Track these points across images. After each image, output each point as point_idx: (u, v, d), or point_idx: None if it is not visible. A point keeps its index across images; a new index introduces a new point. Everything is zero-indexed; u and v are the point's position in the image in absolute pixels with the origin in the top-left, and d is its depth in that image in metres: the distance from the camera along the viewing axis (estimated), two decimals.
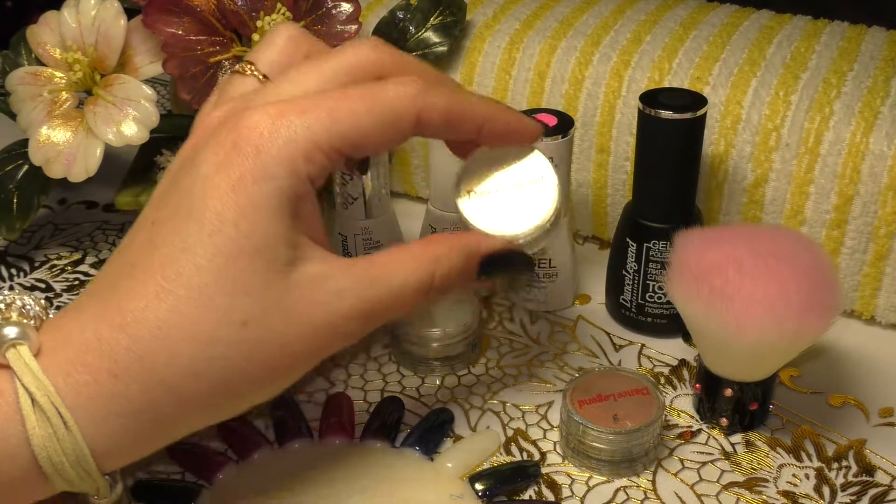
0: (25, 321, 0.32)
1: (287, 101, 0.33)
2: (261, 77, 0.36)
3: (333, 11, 0.50)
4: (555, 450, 0.42)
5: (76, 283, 0.54)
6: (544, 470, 0.41)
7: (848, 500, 0.39)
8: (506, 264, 0.38)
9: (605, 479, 0.40)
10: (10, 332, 0.31)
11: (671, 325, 0.48)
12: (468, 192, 0.38)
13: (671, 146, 0.45)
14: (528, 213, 0.37)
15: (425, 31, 0.54)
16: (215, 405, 0.33)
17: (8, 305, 0.33)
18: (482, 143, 0.38)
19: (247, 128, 0.33)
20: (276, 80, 0.36)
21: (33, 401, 0.30)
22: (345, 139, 0.34)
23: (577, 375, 0.42)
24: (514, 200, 0.38)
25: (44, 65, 0.51)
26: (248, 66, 0.37)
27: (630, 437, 0.39)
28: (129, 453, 0.33)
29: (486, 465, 0.41)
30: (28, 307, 0.33)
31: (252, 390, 0.34)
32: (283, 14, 0.48)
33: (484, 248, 0.37)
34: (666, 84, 0.50)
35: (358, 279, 0.34)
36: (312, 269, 0.33)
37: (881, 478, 0.40)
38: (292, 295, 0.33)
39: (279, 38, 0.37)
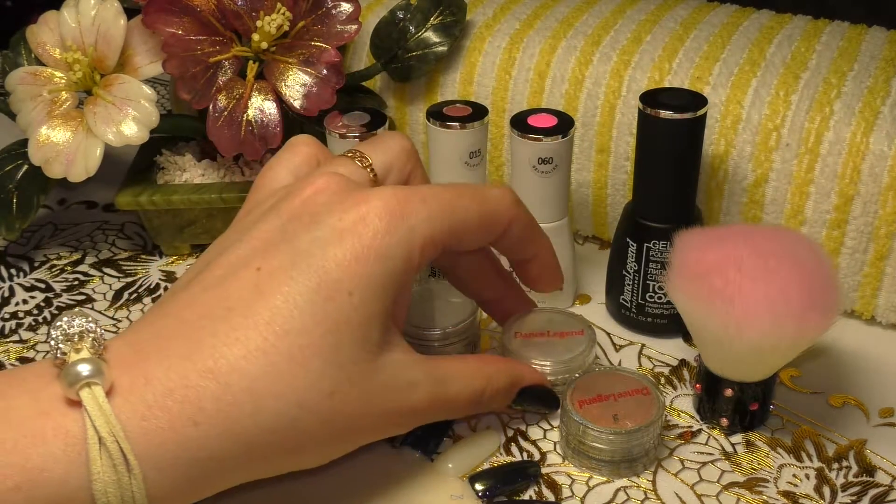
0: (97, 354, 0.31)
1: (412, 190, 0.35)
2: (372, 176, 0.38)
3: (333, 11, 0.50)
4: (555, 450, 0.42)
5: (76, 283, 0.54)
6: (544, 470, 0.41)
7: (848, 501, 0.39)
8: (538, 399, 0.42)
9: (605, 479, 0.40)
10: (84, 369, 0.30)
11: (671, 325, 0.48)
12: (517, 334, 0.44)
13: (671, 146, 0.44)
14: (563, 357, 0.43)
15: (425, 31, 0.54)
16: (275, 463, 0.34)
17: (80, 335, 0.31)
18: (523, 272, 0.43)
19: (377, 205, 0.34)
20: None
21: (101, 444, 0.29)
22: (454, 233, 0.36)
23: (577, 375, 0.42)
24: (553, 345, 0.44)
25: (43, 65, 0.51)
26: (362, 157, 0.38)
27: (630, 437, 0.39)
28: (182, 498, 0.32)
29: (486, 465, 0.41)
30: (99, 337, 0.32)
31: (310, 455, 0.35)
32: (283, 14, 0.48)
33: (528, 380, 0.41)
34: (666, 84, 0.50)
35: (429, 376, 0.36)
36: (395, 356, 0.35)
37: (881, 478, 0.40)
38: (376, 377, 0.34)
39: (396, 145, 0.39)
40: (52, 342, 0.31)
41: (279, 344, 0.31)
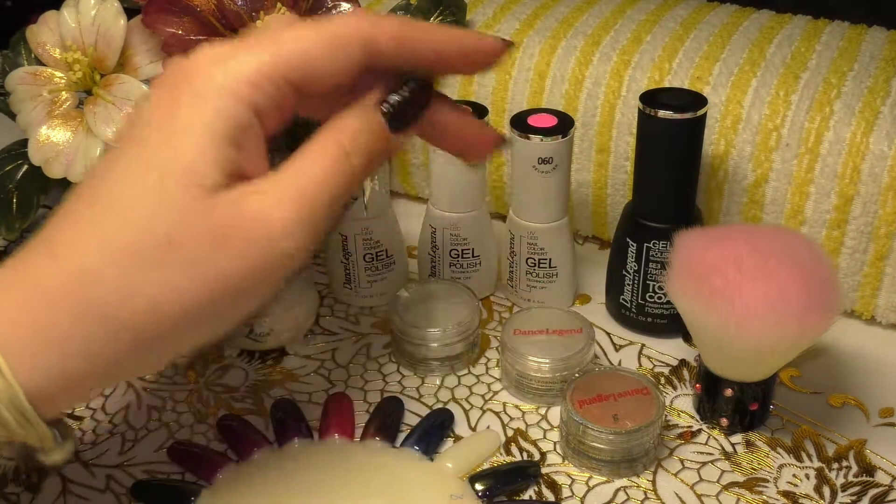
0: None
1: (234, 41, 0.33)
2: None
3: (333, 11, 0.50)
4: (555, 450, 0.42)
5: None
6: (544, 470, 0.41)
7: (848, 501, 0.39)
8: (411, 106, 0.35)
9: (605, 479, 0.40)
10: None
11: (671, 325, 0.48)
12: (516, 331, 0.45)
13: (671, 146, 0.44)
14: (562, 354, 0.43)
15: None
16: (146, 337, 0.31)
17: None
18: (443, 70, 0.36)
19: (193, 63, 0.33)
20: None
21: None
22: (290, 65, 0.33)
23: (576, 375, 0.42)
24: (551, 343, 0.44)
25: (43, 65, 0.51)
26: None
27: (630, 437, 0.39)
28: (65, 394, 0.31)
29: (486, 465, 0.41)
30: None
31: (187, 322, 0.32)
32: (283, 14, 0.48)
33: (374, 97, 0.35)
34: (666, 84, 0.50)
35: (284, 179, 0.33)
36: (248, 197, 0.32)
37: (881, 478, 0.40)
38: (220, 215, 0.31)
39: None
40: None
41: (108, 210, 0.31)
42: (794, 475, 0.40)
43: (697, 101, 0.44)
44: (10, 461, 0.33)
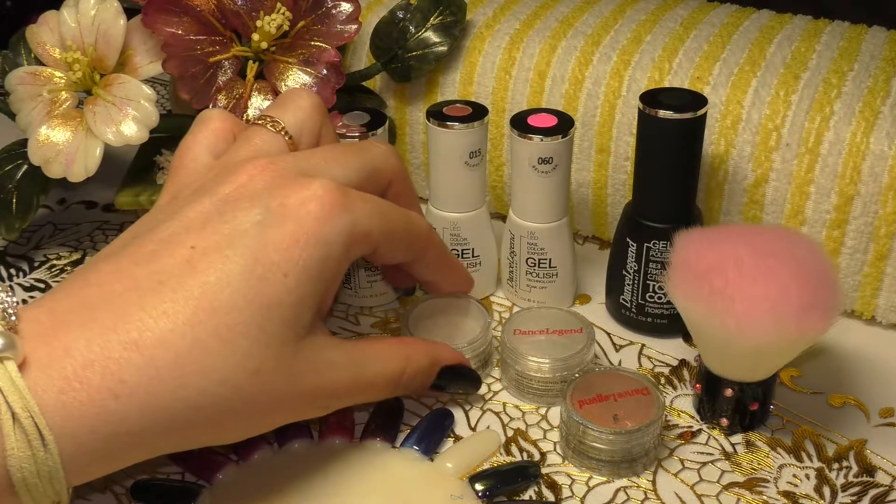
0: (7, 325, 0.30)
1: (348, 188, 0.36)
2: (287, 138, 0.38)
3: (333, 11, 0.50)
4: (555, 450, 0.42)
5: None
6: (544, 470, 0.41)
7: (848, 501, 0.39)
8: (459, 378, 0.43)
9: (605, 479, 0.40)
10: None
11: (671, 325, 0.48)
12: (516, 331, 0.45)
13: (671, 146, 0.44)
14: (562, 354, 0.44)
15: (425, 31, 0.54)
16: (194, 438, 0.34)
17: None
18: (432, 289, 0.45)
19: (319, 190, 0.34)
20: (306, 150, 0.39)
21: (15, 420, 0.29)
22: (384, 238, 0.37)
23: (576, 375, 0.42)
24: (551, 343, 0.45)
25: (43, 65, 0.51)
26: (273, 122, 0.38)
27: (630, 438, 0.39)
28: (99, 471, 0.32)
29: (486, 465, 0.41)
30: (8, 307, 0.31)
31: (229, 431, 0.35)
32: (283, 14, 0.48)
33: (446, 359, 0.42)
34: (666, 84, 0.50)
35: (349, 357, 0.37)
36: (318, 338, 0.35)
37: (882, 478, 0.40)
38: (300, 357, 0.34)
39: (305, 104, 0.40)
40: None
41: (208, 320, 0.31)
42: (794, 475, 0.40)
43: (697, 101, 0.44)
44: None
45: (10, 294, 0.31)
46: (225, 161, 0.37)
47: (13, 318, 0.31)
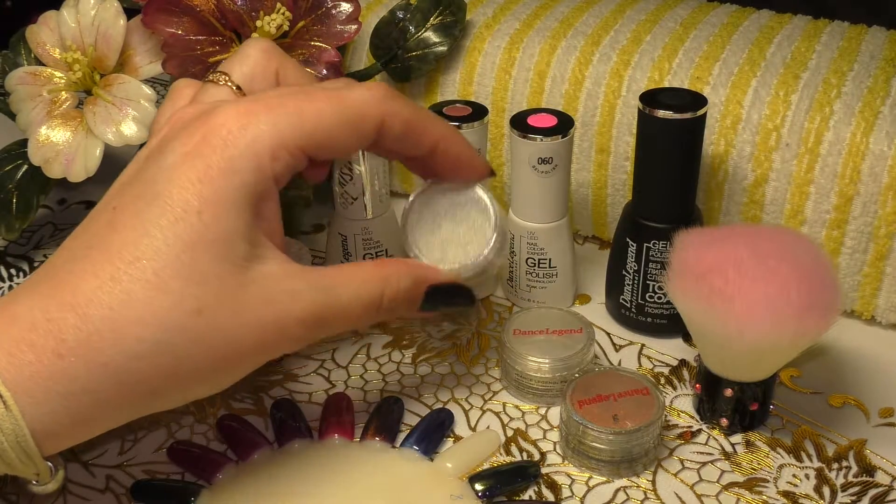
0: None
1: (255, 100, 0.34)
2: (234, 88, 0.37)
3: (333, 11, 0.50)
4: (555, 450, 0.42)
5: None
6: (544, 470, 0.41)
7: (848, 501, 0.39)
8: (450, 297, 0.39)
9: (605, 479, 0.40)
10: None
11: (671, 325, 0.48)
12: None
13: (671, 146, 0.44)
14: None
15: (425, 31, 0.54)
16: (155, 392, 0.33)
17: None
18: (433, 165, 0.39)
19: (216, 123, 0.33)
20: (248, 97, 0.37)
21: None
22: (310, 138, 0.35)
23: (576, 375, 0.42)
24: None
25: (43, 65, 0.51)
26: (223, 76, 0.38)
27: (630, 438, 0.39)
28: (69, 435, 0.32)
29: (486, 465, 0.41)
30: None
31: (195, 381, 0.34)
32: (283, 14, 0.48)
33: (432, 279, 0.38)
34: (666, 84, 0.50)
35: (312, 284, 0.35)
36: (269, 268, 0.34)
37: (881, 478, 0.40)
38: (246, 290, 0.33)
39: (253, 50, 0.38)
40: None
41: (131, 270, 0.32)
42: (794, 475, 0.40)
43: (697, 101, 0.44)
44: None
45: None
46: (161, 115, 0.38)
47: None
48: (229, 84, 0.37)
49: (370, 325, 0.39)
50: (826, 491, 0.40)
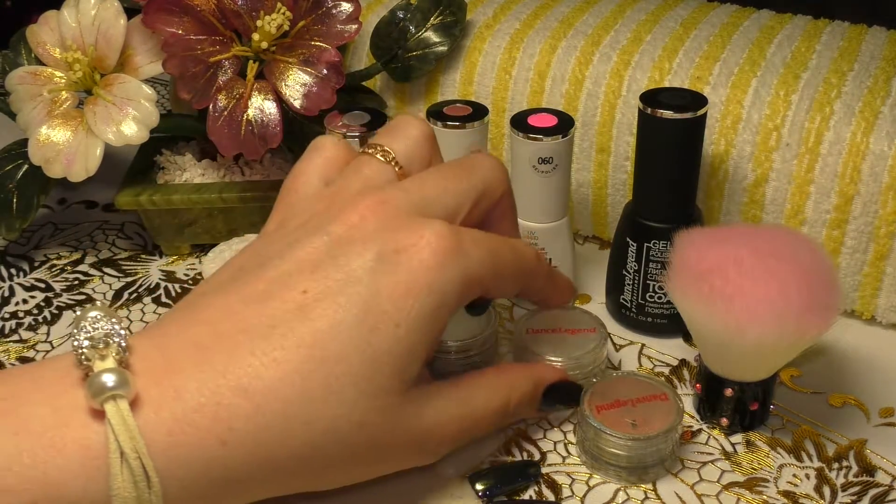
0: (121, 362, 0.30)
1: (461, 228, 0.35)
2: (396, 167, 0.37)
3: (333, 11, 0.50)
4: (555, 450, 0.42)
5: (76, 282, 0.54)
6: (544, 470, 0.41)
7: (848, 501, 0.39)
8: (564, 395, 0.41)
9: (604, 479, 0.40)
10: (109, 380, 0.29)
11: (671, 325, 0.48)
12: (528, 331, 0.44)
13: (671, 146, 0.44)
14: (574, 353, 0.43)
15: (425, 31, 0.54)
16: (295, 486, 0.33)
17: (105, 340, 0.30)
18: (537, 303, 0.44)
19: (432, 236, 0.33)
20: (416, 179, 0.37)
21: (123, 459, 0.28)
22: (494, 279, 0.36)
23: (594, 380, 0.42)
24: (564, 342, 0.44)
25: (44, 64, 0.51)
26: (384, 151, 0.37)
27: (647, 444, 0.39)
28: None
29: (486, 465, 0.41)
30: (120, 340, 0.30)
31: (331, 482, 0.35)
32: (283, 13, 0.48)
33: (549, 378, 0.40)
34: (666, 84, 0.50)
35: (452, 398, 0.36)
36: (424, 387, 0.35)
37: (882, 478, 0.40)
38: (406, 408, 0.34)
39: (414, 131, 0.38)
40: (76, 343, 0.30)
41: (317, 370, 0.31)
42: (794, 475, 0.40)
43: (697, 100, 0.44)
44: None
45: (120, 323, 0.31)
46: (335, 191, 0.36)
47: (125, 352, 0.30)
48: (394, 163, 0.37)
49: (497, 428, 0.41)
50: (826, 491, 0.40)
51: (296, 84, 0.49)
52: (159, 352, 0.31)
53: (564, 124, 0.46)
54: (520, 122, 0.46)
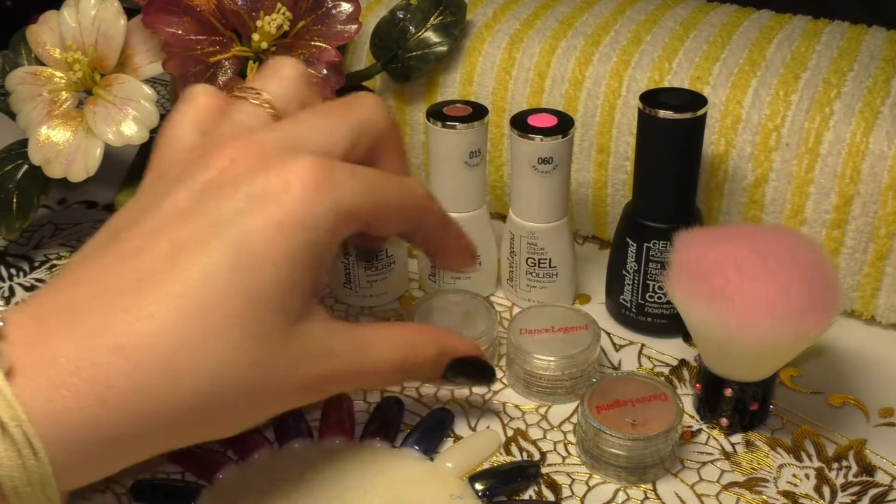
0: None
1: (336, 161, 0.34)
2: (269, 109, 0.36)
3: (333, 11, 0.50)
4: (555, 450, 0.42)
5: None
6: (544, 470, 0.41)
7: (848, 501, 0.39)
8: (471, 370, 0.40)
9: (605, 479, 0.40)
10: None
11: (671, 325, 0.48)
12: (521, 330, 0.45)
13: (671, 146, 0.44)
14: (568, 352, 0.44)
15: (425, 31, 0.54)
16: (188, 437, 0.33)
17: None
18: (436, 260, 0.42)
19: (302, 171, 0.32)
20: (289, 119, 0.36)
21: (3, 429, 0.28)
22: (376, 212, 0.35)
23: (594, 380, 0.42)
24: (557, 341, 0.44)
25: (43, 64, 0.51)
26: (256, 94, 0.37)
27: (647, 444, 0.39)
28: (93, 476, 0.31)
29: (486, 465, 0.41)
30: None
31: (226, 427, 0.34)
32: (283, 14, 0.48)
33: (458, 350, 0.40)
34: (666, 84, 0.50)
35: (348, 343, 0.35)
36: (314, 325, 0.34)
37: (881, 478, 0.40)
38: (293, 345, 0.33)
39: (288, 71, 0.38)
40: None
41: (195, 319, 0.30)
42: (794, 475, 0.40)
43: (697, 101, 0.44)
44: None
45: None
46: (210, 140, 0.36)
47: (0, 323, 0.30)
48: (266, 106, 0.36)
49: (394, 385, 0.40)
50: (826, 491, 0.40)
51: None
52: (34, 320, 0.30)
53: (564, 124, 0.46)
54: (519, 122, 0.46)
